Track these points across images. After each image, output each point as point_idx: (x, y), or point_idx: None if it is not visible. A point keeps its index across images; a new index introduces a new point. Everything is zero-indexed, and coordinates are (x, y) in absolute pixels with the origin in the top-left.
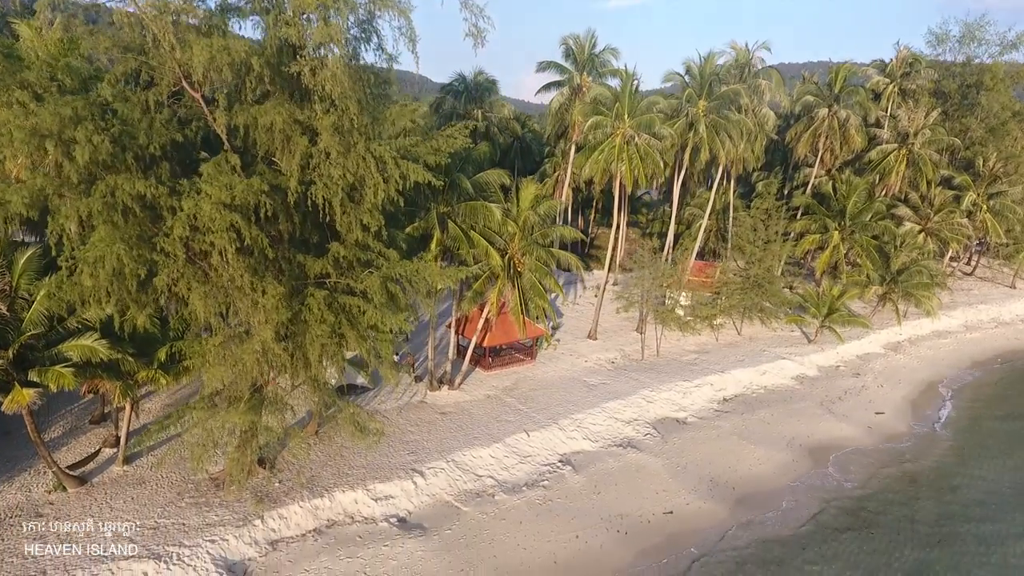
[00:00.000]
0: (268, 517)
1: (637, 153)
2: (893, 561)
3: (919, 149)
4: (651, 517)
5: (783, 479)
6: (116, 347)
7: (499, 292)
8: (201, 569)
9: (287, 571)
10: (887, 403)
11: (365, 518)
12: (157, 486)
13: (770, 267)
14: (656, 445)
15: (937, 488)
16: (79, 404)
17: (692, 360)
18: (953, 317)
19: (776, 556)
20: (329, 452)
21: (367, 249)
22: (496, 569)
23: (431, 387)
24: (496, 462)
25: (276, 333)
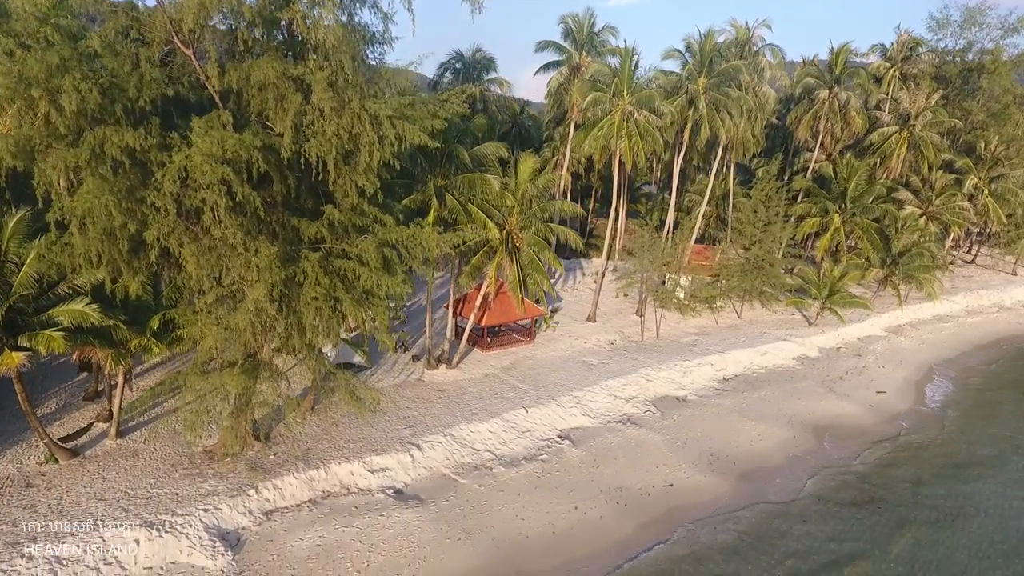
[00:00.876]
0: (262, 487)
1: (637, 130)
2: (896, 534)
3: (920, 131)
4: (651, 490)
5: (784, 454)
6: (108, 313)
7: (497, 267)
8: (194, 537)
9: (281, 540)
10: (888, 383)
11: (361, 489)
12: (150, 458)
13: (770, 248)
14: (656, 421)
15: (940, 464)
16: (73, 382)
17: (692, 342)
18: (954, 302)
19: (778, 528)
20: (325, 427)
21: (363, 215)
22: (494, 539)
23: (428, 366)
24: (494, 436)
25: (270, 294)
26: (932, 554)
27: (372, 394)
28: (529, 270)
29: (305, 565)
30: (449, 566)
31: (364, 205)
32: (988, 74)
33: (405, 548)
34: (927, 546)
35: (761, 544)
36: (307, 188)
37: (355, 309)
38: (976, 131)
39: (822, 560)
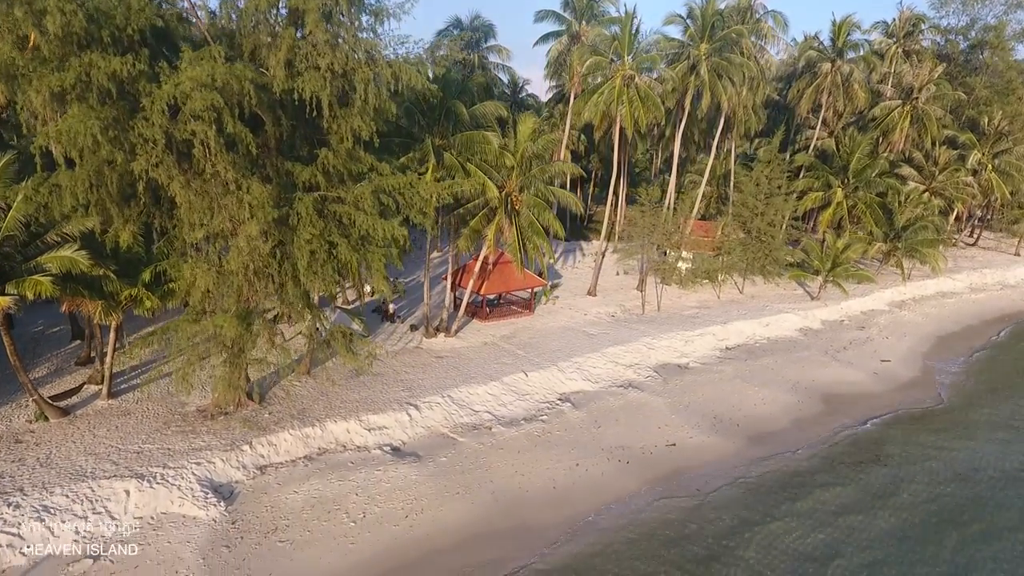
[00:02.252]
0: (257, 443)
1: (638, 94)
2: (905, 488)
3: (924, 105)
4: (653, 449)
5: (788, 417)
6: (98, 262)
7: (496, 228)
8: (185, 488)
9: (275, 492)
10: (893, 353)
11: (357, 447)
12: (142, 417)
13: (772, 221)
14: (658, 386)
15: (946, 428)
16: (66, 349)
17: (693, 314)
18: (958, 280)
19: (786, 483)
20: (321, 389)
21: (359, 162)
22: (493, 493)
23: (427, 335)
24: (493, 399)
25: (263, 232)
26: (936, 507)
27: (368, 347)
28: (529, 233)
29: (300, 516)
30: (448, 517)
31: (360, 152)
32: (992, 48)
33: (402, 501)
34: (932, 500)
35: (767, 499)
36: (301, 135)
37: (351, 254)
38: (979, 107)
39: (829, 513)
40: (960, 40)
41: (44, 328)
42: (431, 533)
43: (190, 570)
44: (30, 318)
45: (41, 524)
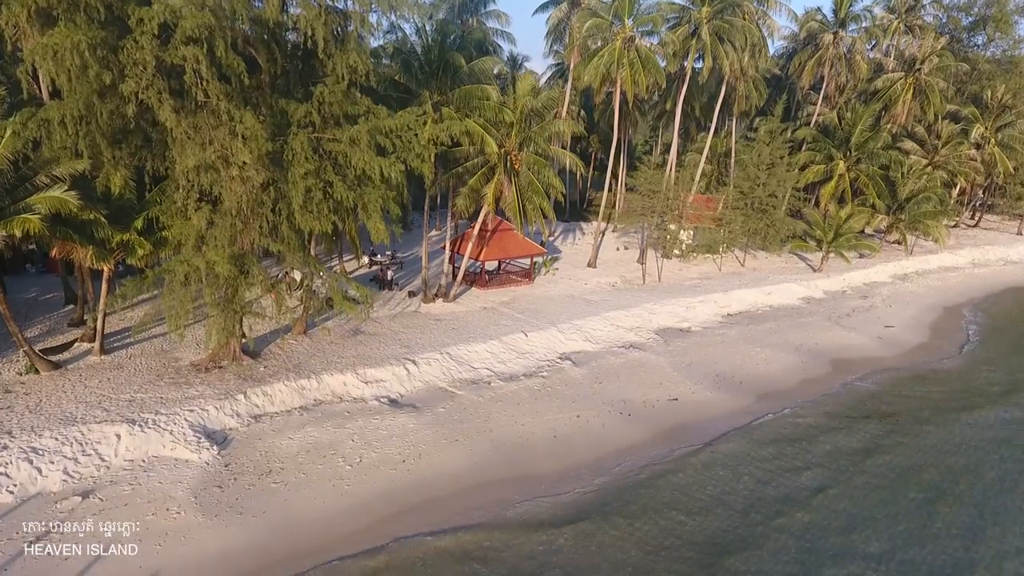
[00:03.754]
0: (251, 393)
1: (638, 56)
2: (913, 438)
3: (927, 76)
4: (655, 403)
5: (792, 377)
6: (89, 206)
7: (496, 187)
8: (177, 433)
9: (270, 439)
10: (896, 320)
11: (354, 398)
12: (135, 370)
13: (773, 192)
14: (659, 347)
15: (950, 387)
16: (59, 313)
17: (695, 285)
18: (960, 256)
19: (792, 435)
20: (317, 347)
21: (355, 103)
22: (492, 441)
23: (425, 300)
24: (492, 356)
25: (256, 163)
26: (941, 457)
27: (364, 291)
28: (529, 193)
29: (294, 459)
30: (446, 462)
31: (357, 94)
32: (995, 22)
33: (399, 447)
34: (936, 450)
35: (773, 449)
36: (296, 73)
37: (347, 193)
38: (982, 81)
39: (837, 464)
40: (962, 17)
41: (38, 295)
42: (429, 478)
43: (181, 507)
44: (24, 286)
45: (29, 465)
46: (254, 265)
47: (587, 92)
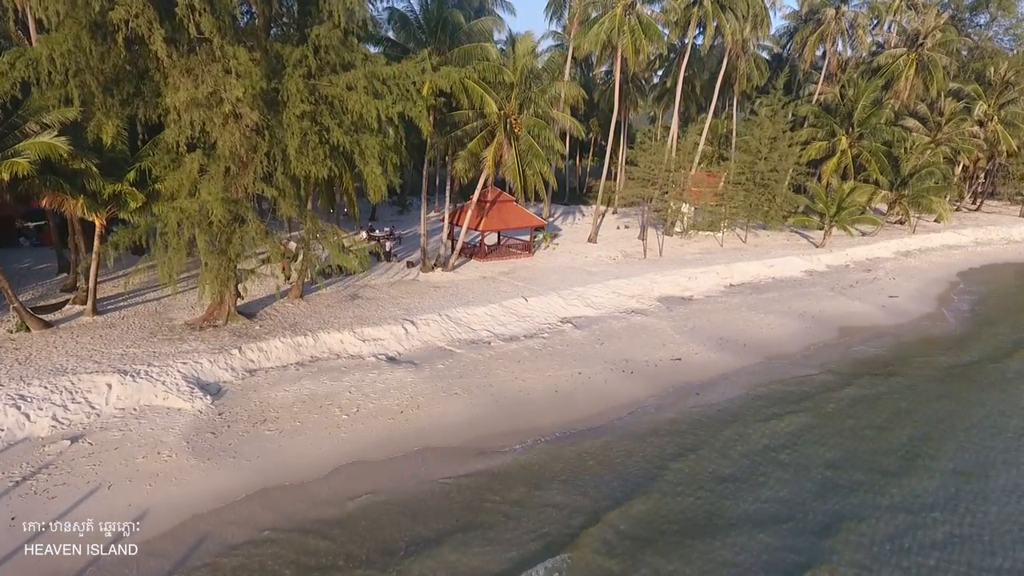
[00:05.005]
0: (246, 348)
1: (639, 23)
2: (916, 394)
3: (929, 52)
4: (658, 363)
5: (797, 341)
6: (81, 155)
7: (495, 150)
8: (170, 384)
9: (265, 391)
10: (900, 292)
11: (351, 355)
12: (127, 329)
13: (775, 167)
14: (662, 313)
15: (956, 348)
16: (52, 280)
17: (696, 258)
18: (963, 235)
19: (796, 393)
20: (313, 309)
21: (352, 50)
22: (493, 395)
23: (424, 269)
24: (492, 319)
25: (251, 100)
26: (946, 408)
27: (361, 245)
28: (529, 158)
29: (290, 409)
30: (445, 414)
31: (354, 40)
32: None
33: (397, 399)
34: (941, 401)
35: (780, 406)
36: (291, 20)
37: (344, 138)
38: (985, 59)
39: (844, 424)
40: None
41: (31, 265)
42: (427, 428)
43: (172, 451)
44: (17, 257)
45: (17, 411)
46: (249, 211)
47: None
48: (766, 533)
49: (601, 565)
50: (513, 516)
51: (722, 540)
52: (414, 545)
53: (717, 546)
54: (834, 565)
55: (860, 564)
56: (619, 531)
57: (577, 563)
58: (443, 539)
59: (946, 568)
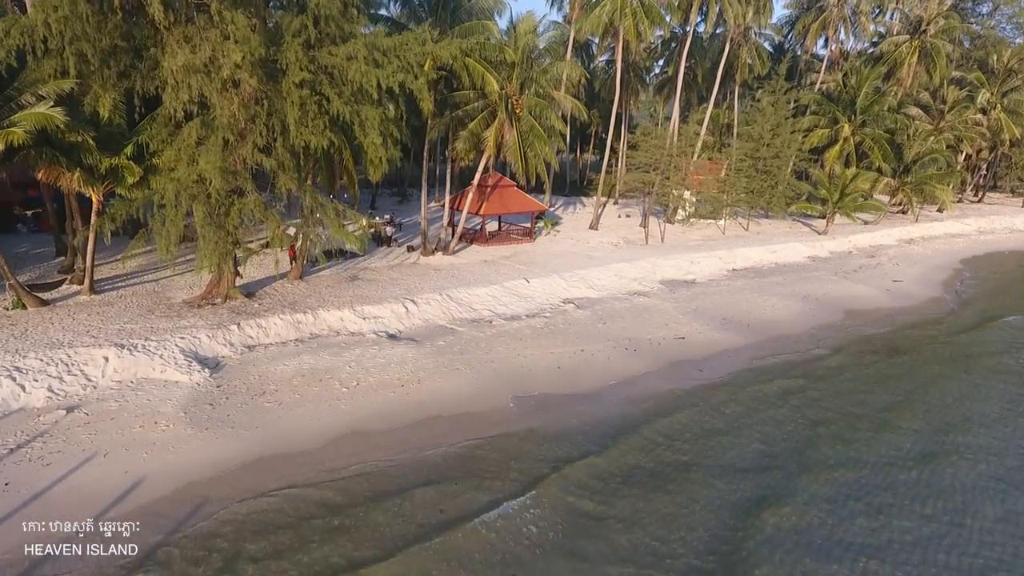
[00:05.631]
0: (245, 325)
1: (641, 5)
2: (919, 372)
3: (932, 38)
4: (662, 341)
5: (801, 322)
6: (77, 127)
7: (497, 131)
8: (168, 357)
9: (264, 365)
10: (904, 276)
11: (351, 333)
12: (125, 307)
13: (778, 153)
14: (664, 294)
15: (960, 331)
16: (49, 263)
17: (698, 244)
18: (966, 224)
19: (802, 369)
20: (313, 289)
21: (352, 21)
22: (495, 370)
23: (424, 253)
24: (493, 299)
25: (249, 68)
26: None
27: (362, 220)
28: (530, 139)
29: (289, 383)
30: (446, 388)
31: (354, 11)
32: None
33: (398, 373)
34: (945, 379)
35: (780, 378)
36: None
37: (344, 108)
38: (987, 48)
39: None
40: None
41: (28, 249)
42: (429, 400)
43: (170, 421)
44: (15, 242)
45: (12, 382)
46: (248, 183)
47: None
48: (742, 477)
49: (569, 501)
50: (505, 468)
51: (697, 482)
52: (409, 496)
53: (691, 487)
54: (799, 502)
55: (827, 499)
56: (596, 473)
57: (544, 499)
58: (437, 487)
59: (902, 505)
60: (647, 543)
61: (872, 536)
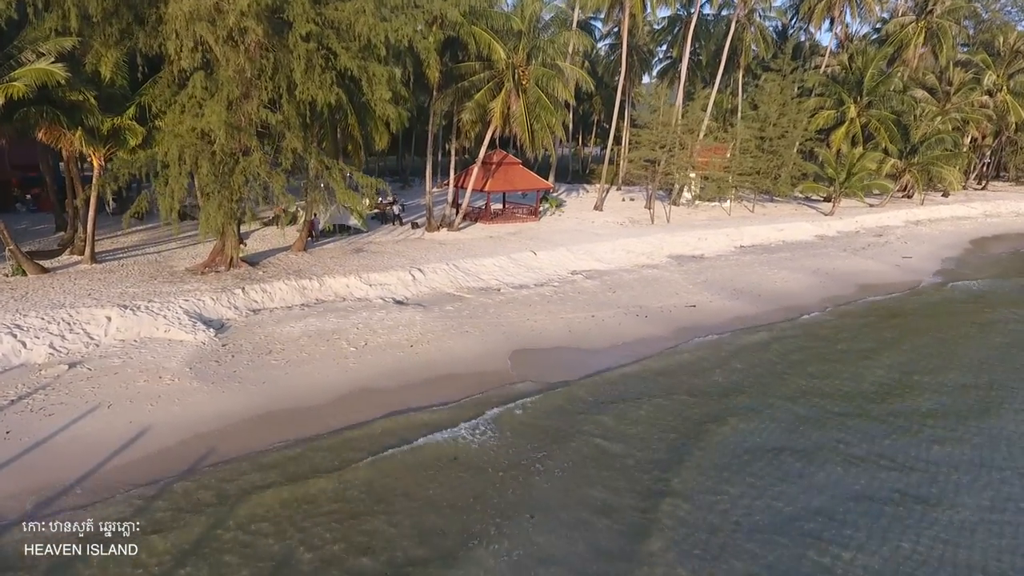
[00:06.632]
0: (250, 289)
1: None
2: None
3: (938, 19)
4: (672, 309)
5: (812, 293)
6: (79, 86)
7: (503, 101)
8: (172, 318)
9: (270, 327)
10: (913, 253)
11: (357, 298)
12: (127, 274)
13: (785, 133)
14: (673, 267)
15: (971, 301)
16: (49, 237)
17: (704, 224)
18: (972, 207)
19: (812, 332)
20: (318, 260)
21: None
22: (505, 333)
23: (429, 228)
24: (501, 270)
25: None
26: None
27: (369, 180)
28: (537, 111)
29: (296, 343)
30: (457, 348)
31: None
32: None
33: (407, 334)
34: (955, 342)
35: (791, 343)
36: None
37: (352, 62)
38: (993, 30)
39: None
40: None
41: (28, 226)
42: (439, 360)
43: (175, 376)
44: (15, 220)
45: (12, 338)
46: (252, 139)
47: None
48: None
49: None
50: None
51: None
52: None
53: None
54: (762, 416)
55: (777, 419)
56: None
57: (504, 416)
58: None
59: (886, 434)
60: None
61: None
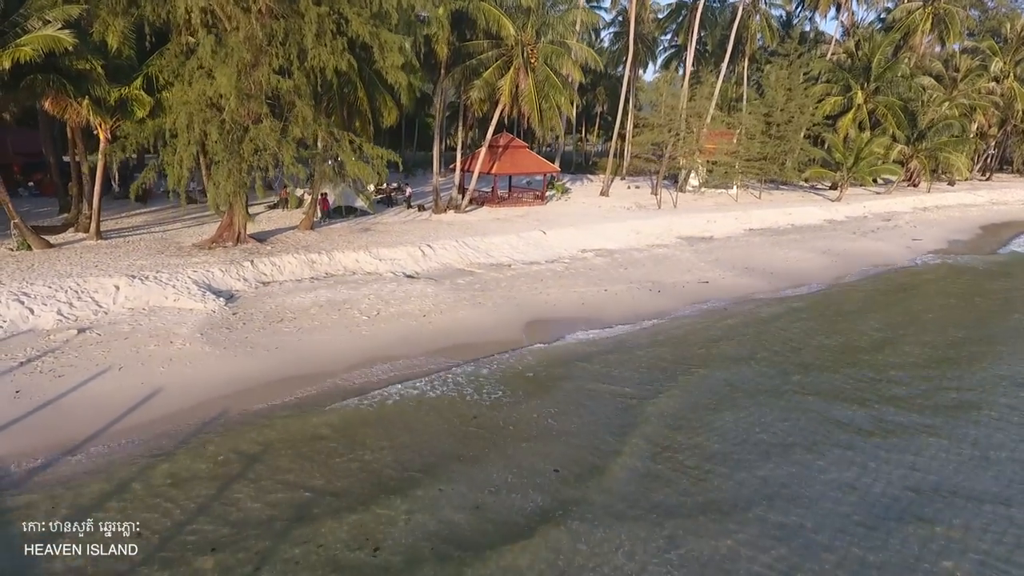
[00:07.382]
0: (259, 262)
1: None
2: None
3: (945, 5)
4: (685, 284)
5: (823, 273)
6: (86, 55)
7: (512, 79)
8: (181, 288)
9: (280, 297)
10: (923, 236)
11: (367, 272)
12: (133, 249)
13: (792, 118)
14: (684, 247)
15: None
16: (53, 219)
17: (712, 209)
18: (979, 195)
19: (824, 302)
20: (326, 237)
21: None
22: (517, 305)
23: (436, 211)
24: (510, 247)
25: None
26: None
27: (378, 151)
28: (546, 90)
29: (307, 312)
30: (470, 318)
31: None
32: None
33: (419, 305)
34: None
35: (806, 311)
36: None
37: (363, 28)
38: (1000, 17)
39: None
40: None
41: (31, 209)
42: (453, 330)
43: (186, 341)
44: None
45: (20, 305)
46: (263, 107)
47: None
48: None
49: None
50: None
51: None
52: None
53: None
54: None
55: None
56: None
57: (497, 367)
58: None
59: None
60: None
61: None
